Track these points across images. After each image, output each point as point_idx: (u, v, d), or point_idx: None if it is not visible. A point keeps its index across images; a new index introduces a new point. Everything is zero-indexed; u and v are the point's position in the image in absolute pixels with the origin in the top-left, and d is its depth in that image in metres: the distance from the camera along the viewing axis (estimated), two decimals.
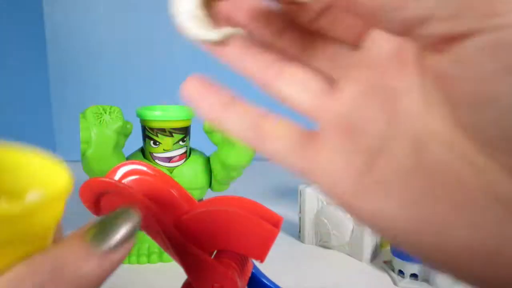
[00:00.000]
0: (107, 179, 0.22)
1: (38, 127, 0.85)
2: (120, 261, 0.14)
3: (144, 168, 0.25)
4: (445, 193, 0.12)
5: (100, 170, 0.42)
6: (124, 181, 0.24)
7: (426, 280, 0.41)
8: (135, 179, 0.25)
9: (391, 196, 0.13)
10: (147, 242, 0.46)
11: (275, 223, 0.22)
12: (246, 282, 0.22)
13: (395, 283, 0.42)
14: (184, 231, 0.21)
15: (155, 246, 0.46)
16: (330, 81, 0.16)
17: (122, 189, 0.21)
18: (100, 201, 0.23)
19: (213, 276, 0.21)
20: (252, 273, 0.23)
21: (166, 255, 0.45)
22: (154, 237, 0.22)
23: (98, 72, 0.90)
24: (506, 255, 0.11)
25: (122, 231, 0.14)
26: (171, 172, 0.46)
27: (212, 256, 0.22)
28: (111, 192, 0.22)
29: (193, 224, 0.22)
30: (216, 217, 0.22)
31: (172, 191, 0.25)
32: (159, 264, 0.46)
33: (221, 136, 0.45)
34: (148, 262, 0.46)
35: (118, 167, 0.24)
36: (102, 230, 0.14)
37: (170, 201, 0.25)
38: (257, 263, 0.23)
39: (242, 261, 0.23)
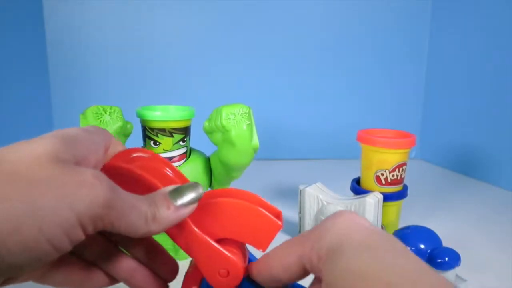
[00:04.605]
0: (120, 164, 0.22)
1: (38, 127, 0.85)
2: (186, 215, 0.21)
3: (145, 155, 0.24)
4: None
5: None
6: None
7: None
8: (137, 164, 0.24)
9: None
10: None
11: (276, 216, 0.23)
12: (245, 267, 0.23)
13: None
14: (191, 219, 0.22)
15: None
16: None
17: (136, 174, 0.22)
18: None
19: (219, 262, 0.22)
20: (249, 260, 0.24)
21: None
22: None
23: (98, 72, 0.90)
24: None
25: (190, 196, 0.21)
26: None
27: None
28: (123, 176, 0.22)
29: (200, 213, 0.23)
30: (223, 208, 0.23)
31: (176, 179, 0.25)
32: None
33: (221, 136, 0.45)
34: None
35: (119, 155, 0.24)
36: (179, 192, 0.21)
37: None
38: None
39: (242, 247, 0.24)
